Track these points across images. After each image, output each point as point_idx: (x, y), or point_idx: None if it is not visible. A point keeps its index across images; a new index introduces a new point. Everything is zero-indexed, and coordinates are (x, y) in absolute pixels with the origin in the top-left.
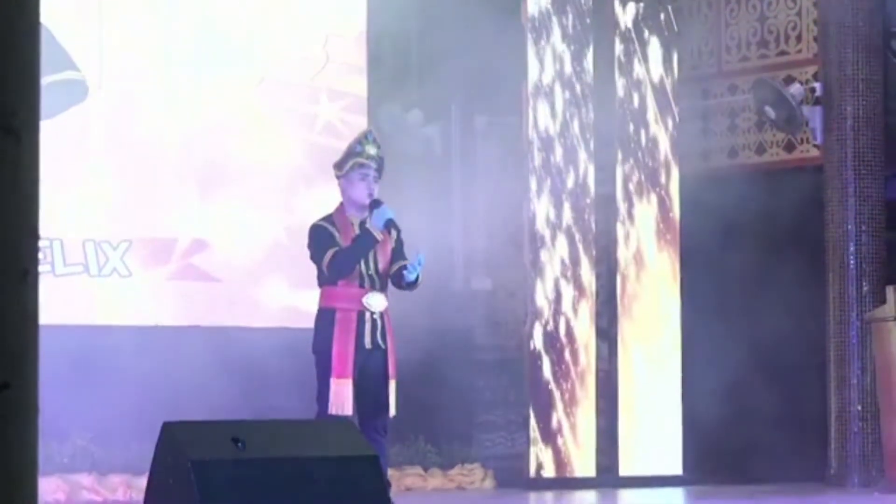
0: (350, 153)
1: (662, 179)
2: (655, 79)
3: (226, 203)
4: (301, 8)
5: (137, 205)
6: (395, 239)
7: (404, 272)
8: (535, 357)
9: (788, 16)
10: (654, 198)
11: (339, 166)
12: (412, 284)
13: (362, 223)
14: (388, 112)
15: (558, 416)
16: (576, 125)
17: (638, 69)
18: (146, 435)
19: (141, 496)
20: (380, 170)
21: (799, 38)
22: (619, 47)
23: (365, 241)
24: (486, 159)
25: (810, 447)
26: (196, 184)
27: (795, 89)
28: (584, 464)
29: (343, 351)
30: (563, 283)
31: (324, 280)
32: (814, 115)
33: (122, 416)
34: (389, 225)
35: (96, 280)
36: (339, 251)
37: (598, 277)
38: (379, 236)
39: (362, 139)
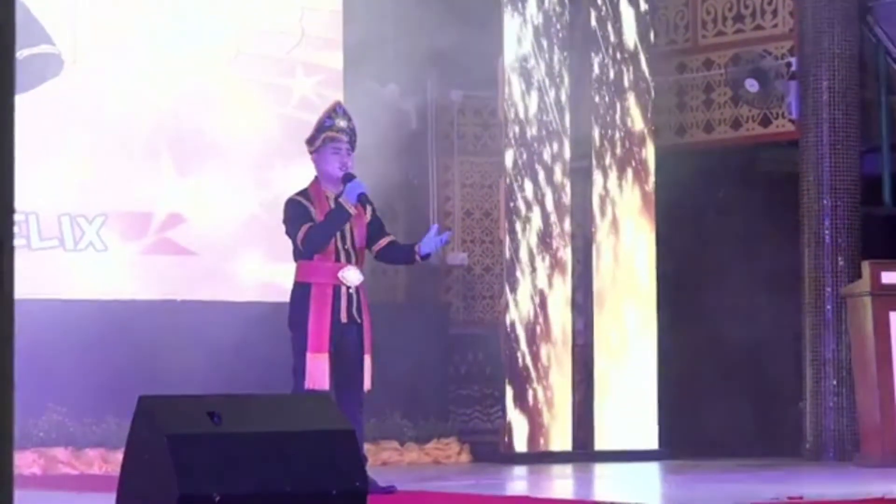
0: (320, 128)
1: (638, 154)
2: (631, 53)
3: (201, 177)
4: None
5: (113, 179)
6: (372, 214)
7: (417, 248)
8: (511, 331)
9: None
10: (630, 172)
11: (310, 142)
12: (425, 258)
13: (337, 197)
14: (364, 86)
15: (534, 390)
16: (552, 99)
17: (614, 43)
18: (122, 409)
19: (117, 470)
20: (352, 142)
21: (775, 13)
22: (594, 21)
23: (339, 215)
24: (463, 133)
25: (786, 422)
26: (172, 158)
27: (769, 63)
28: (559, 438)
29: (319, 325)
30: (538, 257)
31: (299, 255)
32: (789, 89)
33: (98, 390)
34: (362, 199)
35: (72, 254)
36: (313, 226)
37: (573, 252)
38: (352, 210)
39: (332, 112)
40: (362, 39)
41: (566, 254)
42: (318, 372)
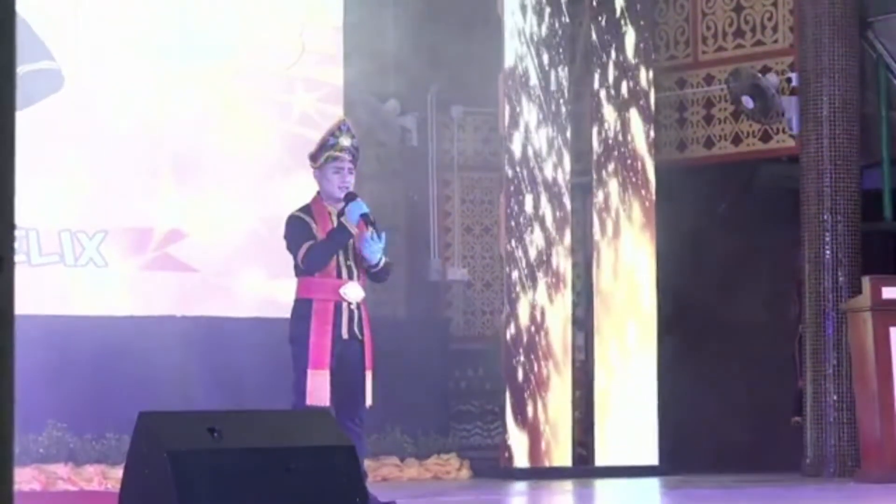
0: (324, 146)
1: (639, 169)
2: (632, 68)
3: (202, 193)
4: None
5: (113, 195)
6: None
7: (365, 254)
8: (512, 347)
9: (765, 6)
10: (630, 188)
11: (313, 158)
12: (378, 269)
13: (339, 214)
14: (365, 102)
15: (534, 406)
16: (552, 115)
17: (614, 58)
18: (122, 425)
19: (117, 486)
20: (355, 160)
21: (775, 29)
22: (595, 36)
23: (340, 235)
24: (463, 149)
25: (786, 437)
26: (172, 173)
27: (770, 79)
28: (560, 454)
29: (320, 341)
30: (539, 273)
31: (300, 271)
32: (790, 105)
33: (98, 406)
34: (364, 219)
35: (72, 270)
36: (314, 245)
37: (574, 267)
38: (354, 230)
39: (335, 130)
40: (363, 55)
41: (566, 269)
42: (319, 388)
